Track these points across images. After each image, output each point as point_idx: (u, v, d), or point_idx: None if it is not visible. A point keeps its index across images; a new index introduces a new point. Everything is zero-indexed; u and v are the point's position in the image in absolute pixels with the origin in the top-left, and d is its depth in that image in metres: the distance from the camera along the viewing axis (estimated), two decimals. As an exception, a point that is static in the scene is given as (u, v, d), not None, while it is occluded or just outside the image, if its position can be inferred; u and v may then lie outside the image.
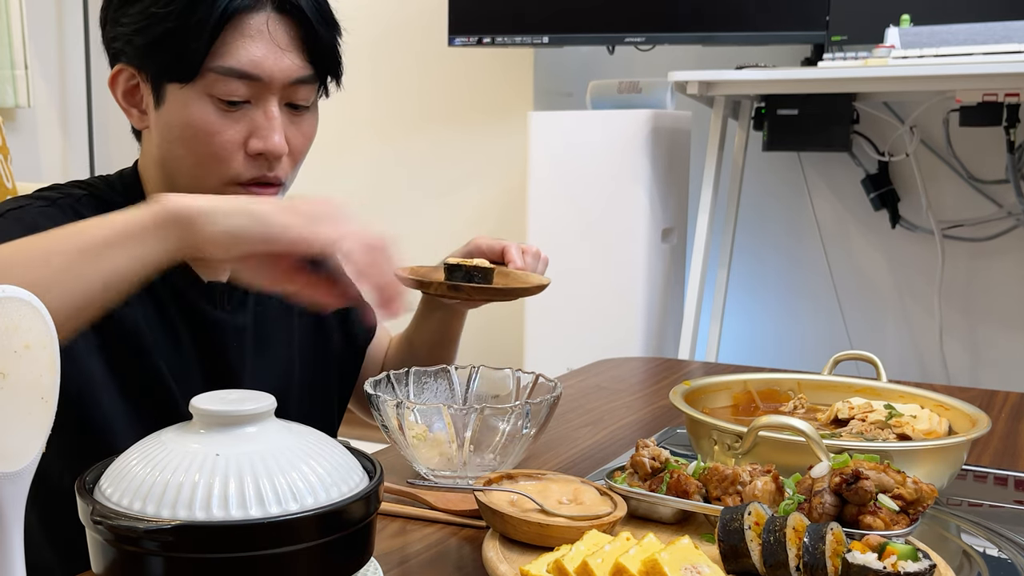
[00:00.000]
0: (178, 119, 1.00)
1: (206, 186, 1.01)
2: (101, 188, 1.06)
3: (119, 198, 1.05)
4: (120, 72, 1.03)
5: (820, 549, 0.68)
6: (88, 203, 1.02)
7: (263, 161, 1.01)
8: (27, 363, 0.55)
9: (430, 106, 3.48)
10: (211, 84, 0.98)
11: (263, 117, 1.00)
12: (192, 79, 0.98)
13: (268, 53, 0.99)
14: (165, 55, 0.98)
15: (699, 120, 2.93)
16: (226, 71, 0.97)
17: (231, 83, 0.98)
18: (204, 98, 0.99)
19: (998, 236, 2.78)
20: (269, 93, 1.00)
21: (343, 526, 0.65)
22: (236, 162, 1.00)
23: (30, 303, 0.56)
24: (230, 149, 1.00)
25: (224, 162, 1.00)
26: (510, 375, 1.11)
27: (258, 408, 0.68)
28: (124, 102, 1.04)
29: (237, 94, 0.99)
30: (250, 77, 0.98)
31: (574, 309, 2.78)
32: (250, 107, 1.00)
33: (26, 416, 0.56)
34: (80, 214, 0.98)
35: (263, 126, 1.00)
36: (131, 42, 1.00)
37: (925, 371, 2.89)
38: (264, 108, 1.00)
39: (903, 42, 2.34)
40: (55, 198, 1.01)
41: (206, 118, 0.99)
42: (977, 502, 1.02)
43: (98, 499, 0.64)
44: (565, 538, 0.74)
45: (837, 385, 1.15)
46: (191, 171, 1.01)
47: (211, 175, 1.01)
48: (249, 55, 0.98)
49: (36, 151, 3.68)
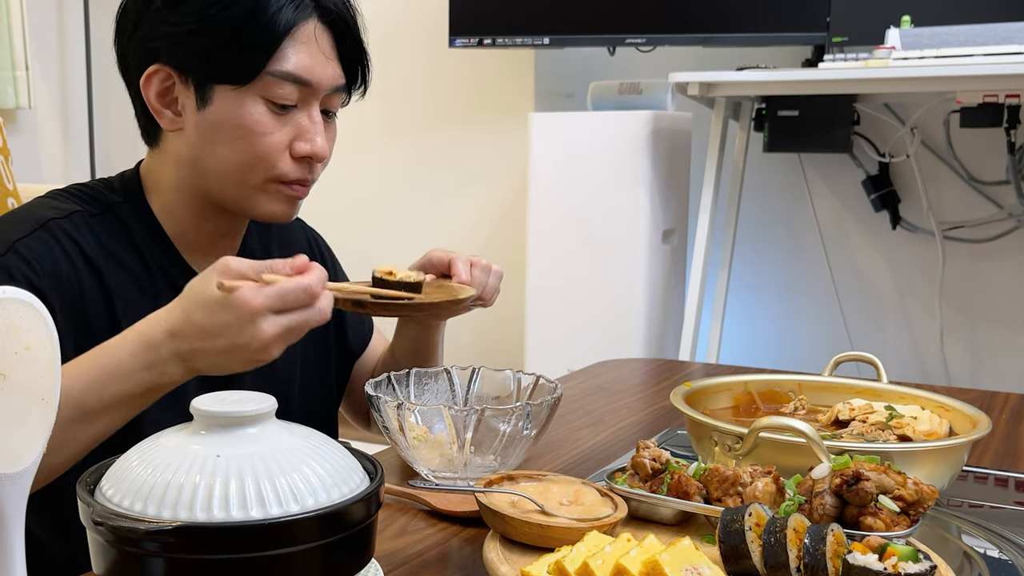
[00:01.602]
0: (230, 119, 1.02)
1: (249, 183, 1.04)
2: (100, 192, 1.08)
3: (118, 199, 1.07)
4: (156, 72, 1.03)
5: (821, 550, 0.68)
6: (82, 222, 1.03)
7: (306, 164, 1.06)
8: (28, 364, 0.55)
9: (431, 107, 3.48)
10: (266, 87, 1.01)
11: (308, 121, 1.04)
12: (250, 82, 1.01)
13: (317, 60, 1.03)
14: (221, 58, 1.00)
15: (700, 121, 2.93)
16: (283, 75, 1.01)
17: (285, 87, 1.02)
18: (258, 100, 1.02)
19: (999, 237, 2.78)
20: (314, 98, 1.05)
21: (344, 527, 0.65)
22: (283, 162, 1.04)
23: (31, 304, 0.56)
24: (278, 150, 1.04)
25: (270, 161, 1.03)
26: (511, 376, 1.11)
27: (259, 409, 0.68)
28: (157, 103, 1.04)
29: (289, 98, 1.03)
30: (302, 82, 1.02)
31: (575, 310, 2.78)
32: (296, 111, 1.04)
33: (26, 417, 0.56)
34: (76, 242, 1.01)
35: (308, 129, 1.04)
36: (180, 43, 1.01)
37: (926, 372, 2.89)
38: (308, 112, 1.05)
39: (904, 43, 2.34)
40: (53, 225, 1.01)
41: (260, 119, 1.02)
42: (978, 503, 1.02)
43: (99, 500, 0.64)
44: (566, 539, 0.74)
45: (838, 386, 1.15)
46: (235, 170, 1.04)
47: (256, 174, 1.04)
48: (302, 61, 1.02)
49: (37, 152, 3.68)
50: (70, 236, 1.01)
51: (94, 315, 1.00)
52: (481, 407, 0.95)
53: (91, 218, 1.04)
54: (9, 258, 0.97)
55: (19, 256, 0.97)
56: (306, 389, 1.19)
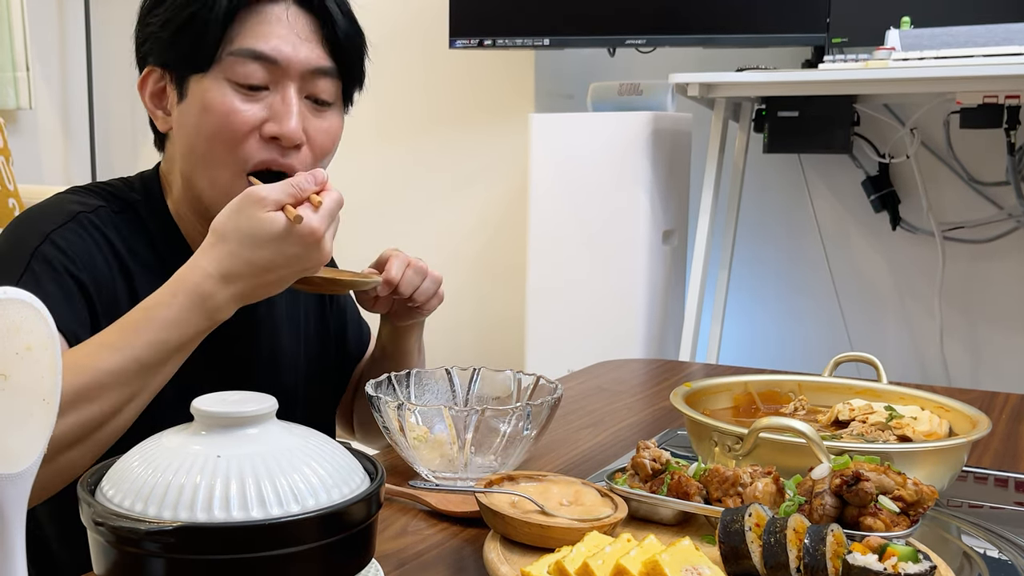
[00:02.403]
0: (197, 106, 1.01)
1: (220, 179, 1.02)
2: (121, 190, 1.08)
3: (137, 197, 1.08)
4: (149, 74, 1.05)
5: (821, 550, 0.68)
6: (107, 218, 1.03)
7: (276, 146, 1.02)
8: (28, 365, 0.55)
9: (431, 108, 3.48)
10: (228, 68, 1.00)
11: (280, 102, 1.02)
12: (211, 65, 1.00)
13: (286, 39, 1.01)
14: (184, 45, 1.00)
15: (700, 122, 2.93)
16: (242, 52, 1.00)
17: (248, 65, 1.00)
18: (222, 82, 1.00)
19: (998, 238, 2.78)
20: (287, 79, 1.02)
21: (344, 527, 0.65)
22: (248, 145, 1.01)
23: (31, 305, 0.56)
24: (243, 130, 1.00)
25: (237, 145, 1.00)
26: (511, 376, 1.11)
27: (259, 410, 0.68)
28: (151, 104, 1.05)
29: (255, 77, 1.00)
30: (266, 59, 1.00)
31: (575, 311, 2.78)
32: (268, 93, 1.02)
33: (27, 418, 0.56)
34: (106, 236, 1.02)
35: (279, 111, 1.01)
36: (158, 39, 1.02)
37: (925, 373, 2.89)
38: (282, 94, 1.02)
39: (903, 44, 2.34)
40: (83, 218, 1.02)
41: (223, 99, 1.00)
42: (978, 504, 1.02)
43: (99, 501, 0.64)
44: (566, 539, 0.74)
45: (838, 387, 1.15)
46: (205, 160, 1.02)
47: (224, 163, 1.01)
48: (266, 40, 1.00)
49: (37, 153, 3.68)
50: (99, 230, 1.01)
51: (123, 309, 0.99)
52: (481, 407, 0.95)
53: (115, 215, 1.04)
54: (46, 248, 0.97)
55: (55, 246, 0.97)
56: (309, 392, 1.19)
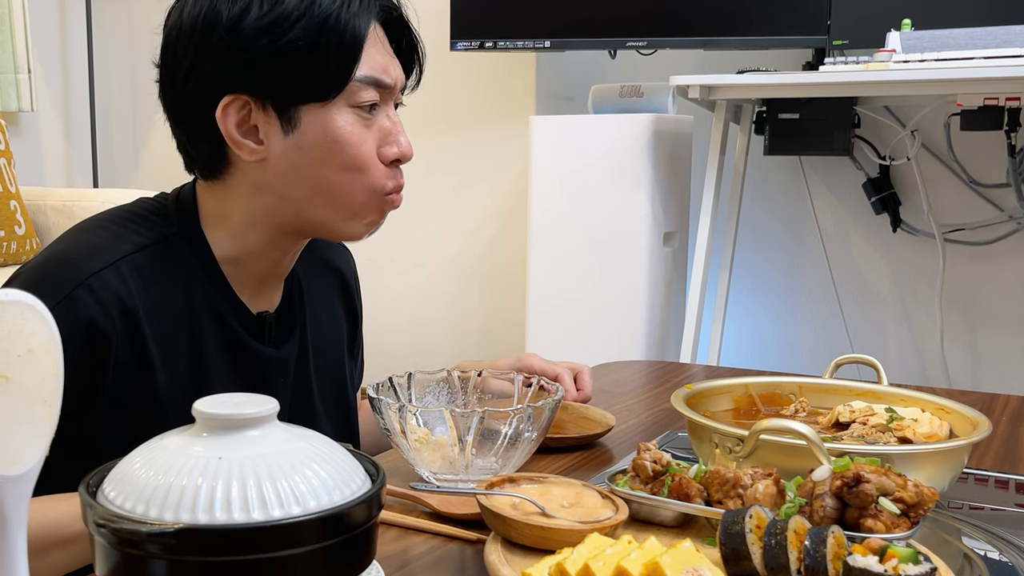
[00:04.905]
0: (323, 136, 0.98)
1: (355, 202, 1.01)
2: (155, 221, 1.02)
3: (172, 229, 1.02)
4: (231, 103, 0.97)
5: (821, 552, 0.68)
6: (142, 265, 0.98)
7: (397, 168, 1.04)
8: (30, 367, 0.55)
9: (432, 110, 3.48)
10: (352, 95, 0.98)
11: (388, 122, 1.02)
12: (337, 95, 0.98)
13: (391, 61, 1.02)
14: (303, 77, 0.96)
15: (701, 124, 2.93)
16: (365, 80, 0.99)
17: (368, 91, 0.99)
18: (344, 110, 0.99)
19: (999, 240, 2.78)
20: (390, 98, 1.03)
21: (345, 529, 0.65)
22: (378, 171, 1.01)
23: (33, 307, 0.56)
24: (372, 157, 1.01)
25: (368, 171, 1.00)
26: (512, 378, 1.11)
27: (261, 412, 0.68)
28: (238, 133, 0.98)
29: (370, 99, 1.00)
30: (382, 84, 1.00)
31: (576, 313, 2.78)
32: (375, 113, 1.01)
33: (28, 420, 0.56)
34: (141, 270, 0.97)
35: (391, 131, 1.02)
36: (252, 69, 0.96)
37: (926, 374, 2.89)
38: (387, 113, 1.02)
39: (904, 46, 2.34)
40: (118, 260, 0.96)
41: (352, 129, 0.99)
42: (978, 505, 1.02)
43: (101, 502, 0.65)
44: (567, 541, 0.74)
45: (838, 388, 1.16)
46: (338, 188, 1.00)
47: (358, 189, 1.01)
48: (378, 62, 1.00)
49: (39, 155, 3.69)
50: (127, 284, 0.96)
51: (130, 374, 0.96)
52: (482, 409, 0.95)
53: (150, 258, 0.99)
54: (81, 293, 0.93)
55: (91, 290, 0.93)
56: (333, 419, 1.19)
